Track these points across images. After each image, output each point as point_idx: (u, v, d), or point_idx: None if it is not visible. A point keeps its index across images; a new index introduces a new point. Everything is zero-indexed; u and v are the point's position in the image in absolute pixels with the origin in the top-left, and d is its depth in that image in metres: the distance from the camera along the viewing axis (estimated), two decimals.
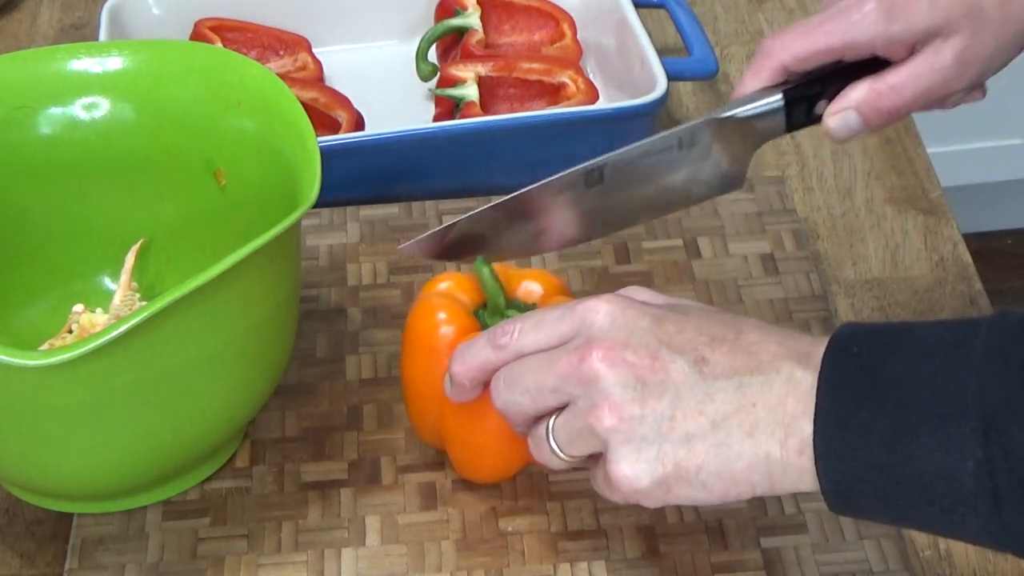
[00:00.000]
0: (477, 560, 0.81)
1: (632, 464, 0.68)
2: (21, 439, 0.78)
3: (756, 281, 0.97)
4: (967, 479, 0.62)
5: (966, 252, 1.02)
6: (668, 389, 0.68)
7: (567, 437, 0.71)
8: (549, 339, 0.72)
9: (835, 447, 0.65)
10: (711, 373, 0.68)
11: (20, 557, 0.84)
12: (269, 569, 0.82)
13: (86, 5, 1.28)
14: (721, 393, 0.68)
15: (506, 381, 0.73)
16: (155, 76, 0.89)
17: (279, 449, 0.88)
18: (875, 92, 0.78)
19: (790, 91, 0.80)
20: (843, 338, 0.67)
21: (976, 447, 0.61)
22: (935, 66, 0.77)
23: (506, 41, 1.19)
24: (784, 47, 0.79)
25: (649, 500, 0.69)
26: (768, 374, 0.67)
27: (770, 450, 0.66)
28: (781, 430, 0.66)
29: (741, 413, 0.67)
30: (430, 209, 1.03)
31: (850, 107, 0.79)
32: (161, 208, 0.92)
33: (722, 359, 0.68)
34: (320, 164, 0.79)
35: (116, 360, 0.73)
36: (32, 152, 0.89)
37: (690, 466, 0.68)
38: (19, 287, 0.92)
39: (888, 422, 0.63)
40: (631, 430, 0.68)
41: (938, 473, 0.62)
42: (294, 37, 1.18)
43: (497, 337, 0.74)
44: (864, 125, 0.79)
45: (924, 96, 0.78)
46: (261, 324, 0.80)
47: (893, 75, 0.78)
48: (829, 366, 0.66)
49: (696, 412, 0.68)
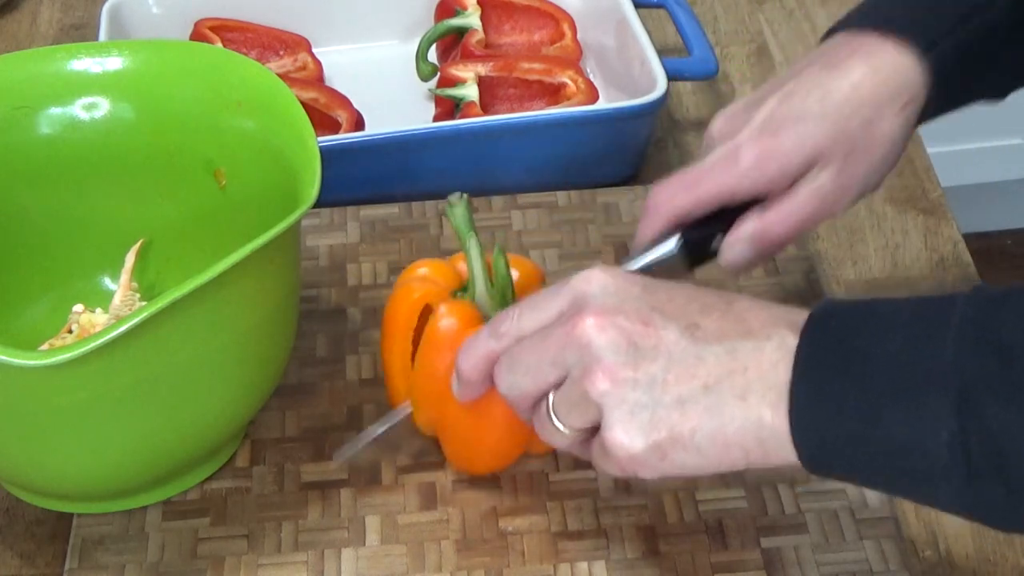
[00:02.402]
0: (477, 560, 0.81)
1: (626, 428, 0.68)
2: (21, 439, 0.78)
3: (756, 281, 0.97)
4: (941, 450, 0.62)
5: (966, 252, 1.02)
6: (660, 353, 0.69)
7: (566, 408, 0.72)
8: (547, 317, 0.72)
9: (809, 416, 0.65)
10: (703, 337, 0.69)
11: (20, 557, 0.84)
12: (269, 569, 0.82)
13: (86, 5, 1.28)
14: (712, 357, 0.68)
15: (507, 365, 0.73)
16: (155, 76, 0.89)
17: (279, 449, 0.88)
18: (763, 224, 0.82)
19: (685, 234, 0.83)
20: (823, 311, 0.68)
21: (950, 419, 0.62)
22: (816, 194, 0.81)
23: (506, 41, 1.19)
24: (670, 201, 0.83)
25: (645, 469, 0.69)
26: (759, 339, 0.68)
27: (762, 414, 0.67)
28: (773, 394, 0.66)
29: (733, 376, 0.67)
30: (430, 209, 1.03)
31: (743, 240, 0.83)
32: (161, 208, 0.92)
33: (713, 324, 0.69)
34: (320, 164, 0.79)
35: (116, 360, 0.73)
36: (32, 152, 0.89)
37: (684, 430, 0.68)
38: (19, 287, 0.92)
39: (862, 393, 0.64)
40: (624, 394, 0.68)
41: (911, 444, 0.63)
42: (294, 37, 1.18)
43: (498, 326, 0.74)
44: (756, 256, 0.83)
45: (810, 219, 0.82)
46: (261, 324, 0.80)
47: (778, 207, 0.82)
48: (807, 337, 0.66)
49: (688, 375, 0.68)
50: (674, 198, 0.83)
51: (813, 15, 1.25)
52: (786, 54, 1.21)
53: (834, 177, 0.81)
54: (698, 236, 0.83)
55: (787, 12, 1.26)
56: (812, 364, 0.66)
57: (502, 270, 0.82)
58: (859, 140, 0.81)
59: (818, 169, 0.81)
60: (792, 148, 0.81)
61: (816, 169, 0.81)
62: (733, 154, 0.81)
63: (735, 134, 0.82)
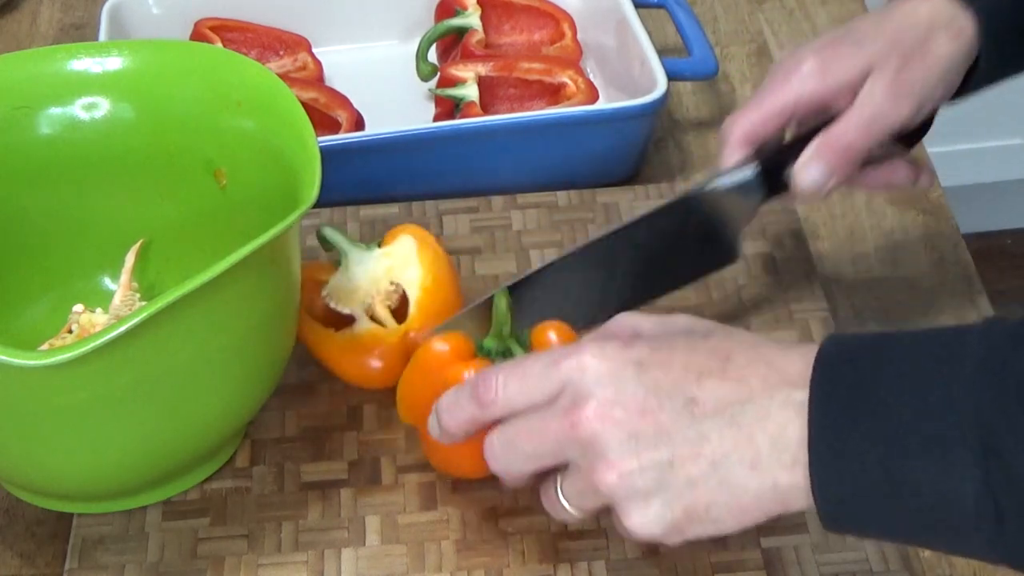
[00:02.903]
0: (477, 560, 0.81)
1: (641, 516, 0.68)
2: (21, 439, 0.78)
3: (756, 281, 0.97)
4: (968, 501, 0.61)
5: (966, 252, 1.02)
6: (662, 438, 0.68)
7: (576, 495, 0.72)
8: (536, 398, 0.71)
9: (830, 474, 0.64)
10: (702, 413, 0.68)
11: (20, 557, 0.84)
12: (269, 569, 0.82)
13: (86, 5, 1.28)
14: (716, 432, 0.67)
15: (502, 446, 0.73)
16: (155, 76, 0.89)
17: (279, 449, 0.88)
18: (826, 136, 0.86)
19: (763, 160, 0.87)
20: (830, 355, 0.66)
21: (975, 468, 0.61)
22: (871, 99, 0.85)
23: (506, 41, 1.19)
24: (739, 121, 0.87)
25: (668, 541, 0.69)
26: (762, 402, 0.67)
27: (776, 478, 0.66)
28: (787, 456, 0.66)
29: (740, 448, 0.67)
30: (430, 209, 1.03)
31: (811, 156, 0.86)
32: (161, 208, 0.92)
33: (712, 394, 0.68)
34: (320, 164, 0.79)
35: (116, 360, 0.73)
36: (32, 152, 0.89)
37: (698, 507, 0.68)
38: (19, 287, 0.92)
39: (883, 444, 0.63)
40: (633, 484, 0.68)
41: (937, 495, 0.62)
42: (294, 37, 1.18)
43: (481, 392, 0.73)
44: (828, 170, 0.86)
45: (868, 127, 0.85)
46: (261, 324, 0.80)
47: (838, 119, 0.86)
48: (818, 386, 0.65)
49: (694, 455, 0.67)
50: (742, 117, 0.87)
51: (813, 15, 1.25)
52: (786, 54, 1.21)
53: (888, 83, 0.84)
54: (774, 164, 0.87)
55: (787, 12, 1.26)
56: (828, 421, 0.65)
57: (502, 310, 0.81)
58: (914, 52, 0.85)
59: (873, 77, 0.85)
60: (849, 54, 0.85)
61: (872, 78, 0.85)
62: (795, 65, 0.86)
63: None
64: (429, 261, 0.89)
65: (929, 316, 0.97)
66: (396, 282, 0.89)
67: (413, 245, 0.89)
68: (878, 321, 0.97)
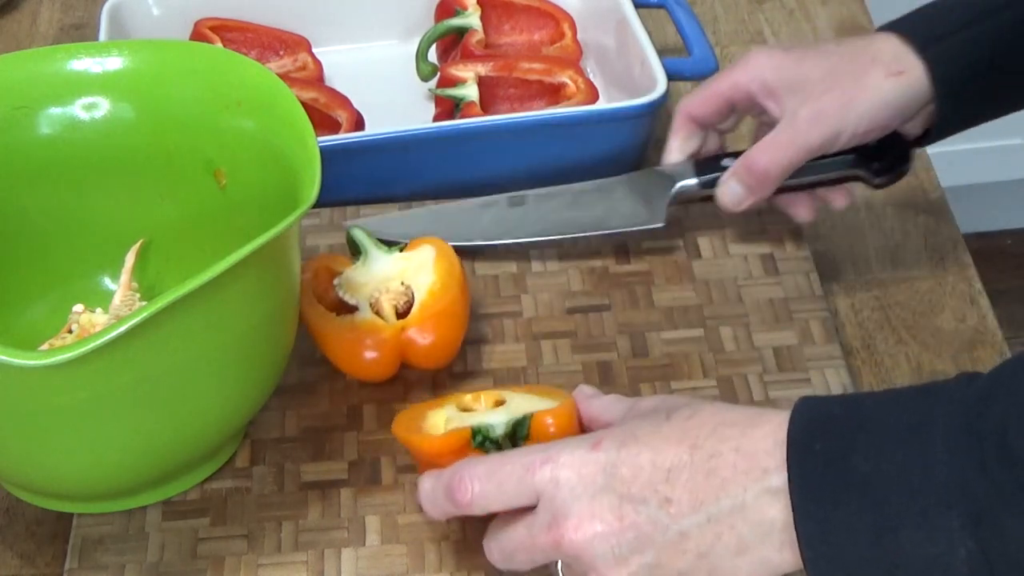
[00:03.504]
0: (477, 560, 0.81)
1: None
2: (21, 439, 0.78)
3: (756, 281, 0.97)
4: (960, 566, 0.62)
5: (966, 252, 1.02)
6: (644, 542, 0.69)
7: None
8: (512, 503, 0.72)
9: (820, 550, 0.65)
10: (678, 512, 0.68)
11: (20, 557, 0.84)
12: (269, 569, 0.82)
13: (86, 5, 1.28)
14: (695, 529, 0.68)
15: (501, 556, 0.75)
16: (155, 76, 0.89)
17: (279, 449, 0.88)
18: (745, 158, 0.93)
19: (699, 168, 0.97)
20: (801, 433, 0.66)
21: (966, 537, 0.61)
22: (790, 122, 0.90)
23: (506, 41, 1.19)
24: (686, 101, 0.97)
25: None
26: (736, 494, 0.67)
27: (766, 556, 0.67)
28: (774, 538, 0.67)
29: (722, 538, 0.68)
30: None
31: (730, 174, 0.94)
32: (161, 208, 0.92)
33: (684, 492, 0.68)
34: (320, 164, 0.79)
35: (116, 360, 0.73)
36: (32, 152, 0.89)
37: None
38: (19, 287, 0.92)
39: (870, 518, 0.63)
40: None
41: (930, 562, 0.63)
42: (294, 37, 1.18)
43: (456, 495, 0.73)
44: (745, 191, 0.94)
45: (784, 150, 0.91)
46: (261, 324, 0.80)
47: (760, 141, 0.93)
48: (796, 468, 0.66)
49: (679, 552, 0.68)
50: (688, 99, 0.96)
51: (813, 15, 1.25)
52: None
53: (810, 109, 0.89)
54: (711, 170, 0.97)
55: (787, 12, 1.26)
56: (811, 505, 0.65)
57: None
58: (844, 81, 0.89)
59: (799, 99, 0.90)
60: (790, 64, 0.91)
61: (798, 98, 0.90)
62: (743, 59, 0.94)
63: None
64: (444, 271, 0.90)
65: (929, 316, 0.97)
66: (407, 284, 0.90)
67: (432, 254, 0.91)
68: (878, 321, 0.97)
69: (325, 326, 0.89)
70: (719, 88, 0.95)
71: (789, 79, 0.91)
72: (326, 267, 0.92)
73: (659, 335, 0.94)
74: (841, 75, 0.89)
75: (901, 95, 0.88)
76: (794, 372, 0.91)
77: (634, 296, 0.96)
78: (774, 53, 0.92)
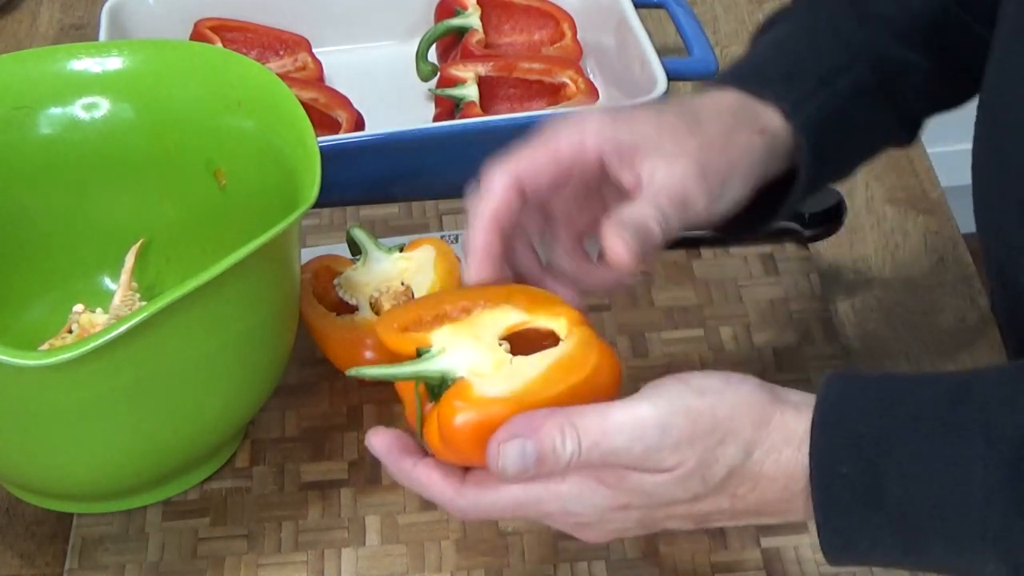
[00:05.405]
0: (477, 560, 0.81)
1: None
2: (21, 439, 0.78)
3: (756, 281, 0.97)
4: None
5: (966, 252, 1.02)
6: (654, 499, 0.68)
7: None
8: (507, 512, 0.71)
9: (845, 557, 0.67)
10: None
11: (20, 557, 0.84)
12: (269, 569, 0.82)
13: (86, 5, 1.28)
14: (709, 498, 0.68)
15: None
16: (155, 76, 0.89)
17: (279, 449, 0.88)
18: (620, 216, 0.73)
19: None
20: (824, 454, 0.66)
21: (992, 555, 0.63)
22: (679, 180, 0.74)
23: (506, 41, 1.19)
24: (505, 166, 0.77)
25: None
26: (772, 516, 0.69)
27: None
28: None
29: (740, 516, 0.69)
30: (430, 209, 1.03)
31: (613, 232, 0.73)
32: (161, 208, 0.92)
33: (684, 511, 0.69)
34: (320, 164, 0.79)
35: (116, 360, 0.73)
36: (32, 152, 0.89)
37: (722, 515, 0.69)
38: (19, 287, 0.92)
39: (899, 539, 0.65)
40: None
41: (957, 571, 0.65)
42: (294, 37, 1.18)
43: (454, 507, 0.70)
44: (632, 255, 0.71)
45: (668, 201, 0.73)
46: (261, 324, 0.80)
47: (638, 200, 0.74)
48: (821, 491, 0.66)
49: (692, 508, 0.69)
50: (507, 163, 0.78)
51: None
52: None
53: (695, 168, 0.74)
54: None
55: None
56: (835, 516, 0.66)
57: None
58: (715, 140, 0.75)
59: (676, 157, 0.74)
60: (644, 119, 0.76)
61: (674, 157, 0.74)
62: (578, 118, 0.76)
63: None
64: (444, 271, 0.90)
65: (929, 316, 0.97)
66: (407, 284, 0.90)
67: (432, 254, 0.91)
68: (878, 321, 0.97)
69: (325, 326, 0.89)
70: (557, 153, 0.75)
71: (644, 133, 0.75)
72: (326, 267, 0.92)
73: (659, 335, 0.94)
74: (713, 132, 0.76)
75: (769, 152, 0.78)
76: (794, 372, 0.91)
77: (634, 296, 0.96)
78: (616, 112, 0.77)
